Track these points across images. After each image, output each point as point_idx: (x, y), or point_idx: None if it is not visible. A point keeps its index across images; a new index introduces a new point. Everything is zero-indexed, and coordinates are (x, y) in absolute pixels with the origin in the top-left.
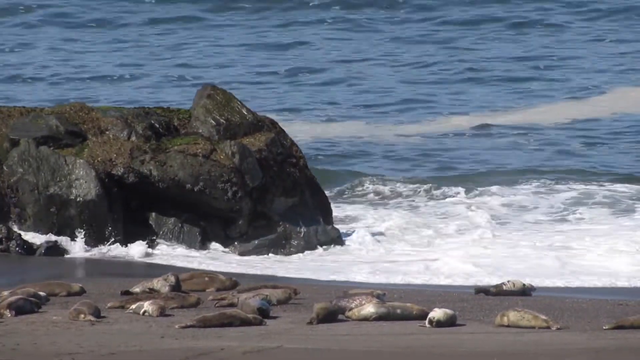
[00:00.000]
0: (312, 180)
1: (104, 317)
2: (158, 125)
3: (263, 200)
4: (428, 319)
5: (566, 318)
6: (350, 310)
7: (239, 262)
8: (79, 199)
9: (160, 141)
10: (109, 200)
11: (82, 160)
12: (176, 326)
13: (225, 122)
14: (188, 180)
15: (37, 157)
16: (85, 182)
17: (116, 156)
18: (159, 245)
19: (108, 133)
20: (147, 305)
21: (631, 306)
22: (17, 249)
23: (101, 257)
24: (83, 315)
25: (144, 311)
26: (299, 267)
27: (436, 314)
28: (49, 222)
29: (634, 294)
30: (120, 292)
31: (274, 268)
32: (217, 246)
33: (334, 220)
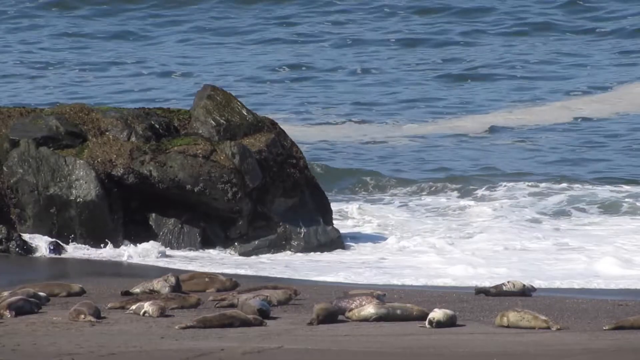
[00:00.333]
0: (312, 181)
1: (104, 318)
2: (158, 126)
3: (263, 201)
4: (428, 320)
5: (566, 318)
6: (350, 310)
7: (239, 263)
8: (79, 200)
9: (160, 142)
10: (109, 201)
11: (82, 161)
12: (176, 327)
13: (225, 123)
14: (188, 181)
15: (37, 158)
16: (85, 183)
17: (116, 157)
18: (159, 246)
19: (108, 134)
20: (147, 306)
21: (631, 306)
22: (17, 250)
23: (101, 258)
24: (83, 316)
25: (144, 312)
26: (299, 268)
27: (436, 314)
28: (49, 223)
29: (634, 295)
30: (121, 293)
31: (274, 269)
32: (217, 247)
33: (334, 220)
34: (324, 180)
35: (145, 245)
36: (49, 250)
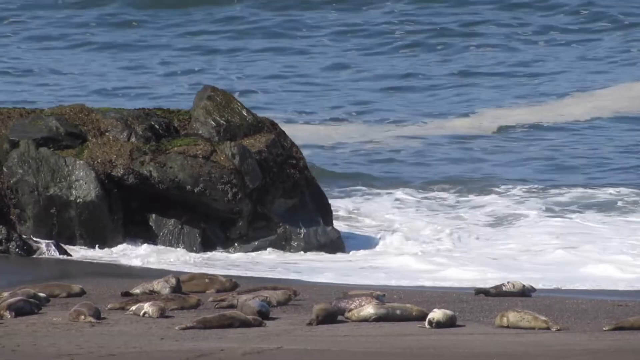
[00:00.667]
0: (312, 182)
1: (104, 319)
2: (158, 127)
3: (263, 202)
4: (428, 320)
5: (566, 319)
6: (349, 311)
7: (239, 264)
8: (78, 200)
9: (160, 142)
10: (109, 201)
11: (82, 162)
12: (176, 327)
13: (225, 124)
14: (188, 182)
15: (37, 159)
16: (85, 184)
17: (116, 157)
18: (159, 247)
19: (108, 134)
20: (147, 307)
21: (631, 307)
22: (17, 250)
23: (101, 258)
24: (83, 317)
25: (144, 312)
26: (298, 269)
27: (436, 314)
28: (49, 223)
29: (634, 295)
30: (121, 294)
31: (273, 269)
32: (217, 247)
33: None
34: (324, 181)
35: (145, 246)
36: (48, 251)
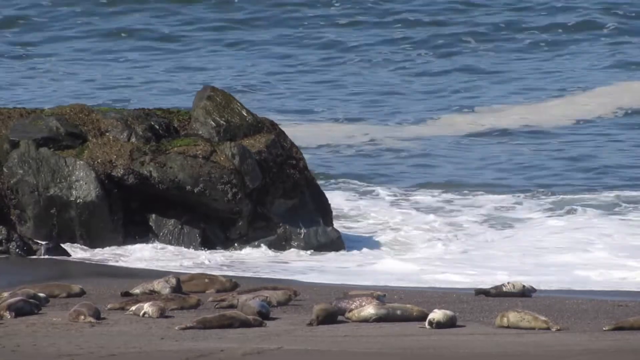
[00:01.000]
0: (312, 182)
1: (104, 319)
2: (158, 127)
3: (263, 202)
4: (428, 320)
5: (566, 319)
6: (350, 311)
7: (239, 264)
8: (79, 201)
9: (160, 143)
10: (109, 201)
11: (82, 162)
12: (176, 327)
13: (225, 124)
14: (188, 182)
15: (37, 159)
16: (86, 184)
17: (116, 157)
18: (159, 247)
19: (108, 134)
20: (147, 307)
21: (631, 307)
22: (17, 250)
23: (101, 259)
24: (83, 317)
25: (144, 312)
26: (299, 269)
27: (436, 315)
28: (49, 224)
29: (634, 295)
30: (120, 294)
31: (273, 269)
32: (217, 247)
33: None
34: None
35: (145, 246)
36: (49, 252)
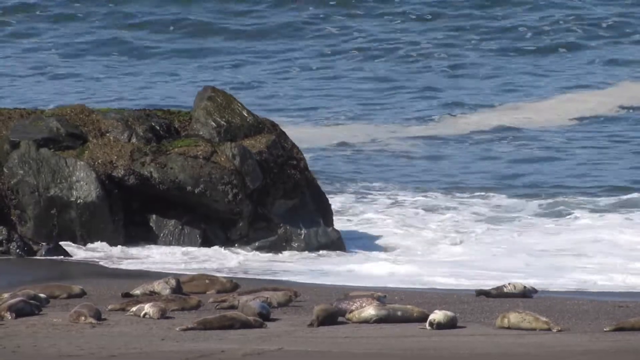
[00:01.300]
0: (313, 182)
1: (105, 320)
2: (159, 127)
3: (263, 202)
4: (428, 321)
5: (567, 320)
6: (350, 312)
7: (239, 264)
8: (79, 201)
9: (161, 143)
10: (110, 202)
11: (83, 162)
12: (177, 328)
13: (225, 124)
14: (188, 182)
15: (38, 159)
16: (86, 184)
17: (117, 158)
18: (160, 247)
19: (109, 135)
20: (148, 308)
21: (632, 308)
22: (18, 251)
23: (101, 259)
24: (83, 318)
25: (145, 313)
26: (299, 269)
27: (437, 316)
28: (50, 224)
29: (635, 296)
30: (121, 295)
31: (274, 270)
32: (218, 248)
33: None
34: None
35: (145, 247)
36: (49, 252)
